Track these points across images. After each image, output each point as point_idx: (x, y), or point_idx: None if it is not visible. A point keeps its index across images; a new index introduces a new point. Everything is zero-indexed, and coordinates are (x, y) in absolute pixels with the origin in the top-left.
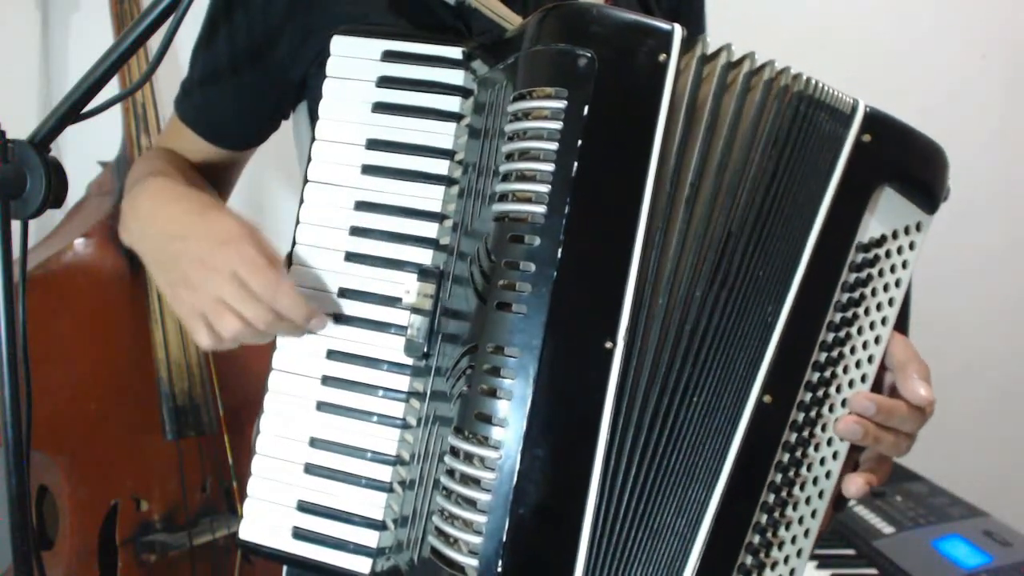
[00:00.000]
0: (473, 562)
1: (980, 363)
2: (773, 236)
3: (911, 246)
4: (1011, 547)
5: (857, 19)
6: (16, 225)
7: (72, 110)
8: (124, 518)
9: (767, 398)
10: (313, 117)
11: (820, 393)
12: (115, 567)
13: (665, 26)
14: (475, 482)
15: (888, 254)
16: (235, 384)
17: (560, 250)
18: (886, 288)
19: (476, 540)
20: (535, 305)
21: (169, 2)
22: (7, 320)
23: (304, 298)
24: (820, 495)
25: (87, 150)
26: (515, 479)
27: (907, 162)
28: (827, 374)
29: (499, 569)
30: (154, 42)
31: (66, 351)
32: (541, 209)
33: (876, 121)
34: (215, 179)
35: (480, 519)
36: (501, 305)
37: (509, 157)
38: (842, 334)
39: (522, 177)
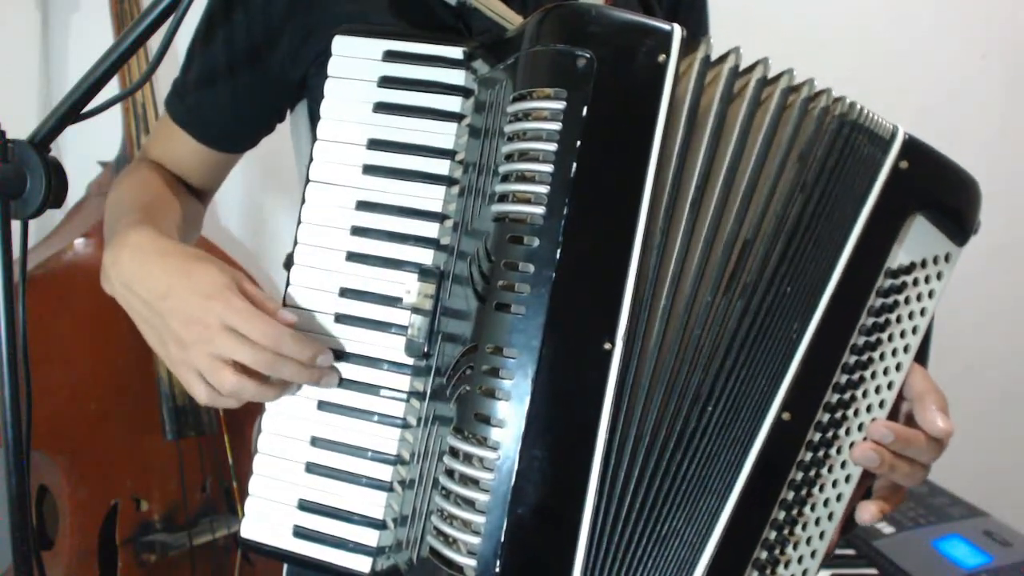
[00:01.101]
0: (471, 562)
1: (980, 363)
2: (802, 253)
3: (938, 276)
4: (1011, 547)
5: (857, 19)
6: (16, 225)
7: (72, 110)
8: (124, 518)
9: (786, 415)
10: (314, 117)
11: (838, 415)
12: (115, 567)
13: (664, 26)
14: (474, 482)
15: (915, 282)
16: None
17: (559, 251)
18: (911, 316)
19: (475, 540)
20: (534, 306)
21: (169, 2)
22: (7, 320)
23: (308, 338)
24: (830, 516)
25: (87, 150)
26: (513, 479)
27: (941, 191)
28: (846, 396)
29: (497, 569)
30: (154, 42)
31: (66, 351)
32: (540, 210)
33: (914, 148)
34: (204, 181)
35: (479, 519)
36: (500, 306)
37: (508, 158)
38: (864, 358)
39: (521, 178)
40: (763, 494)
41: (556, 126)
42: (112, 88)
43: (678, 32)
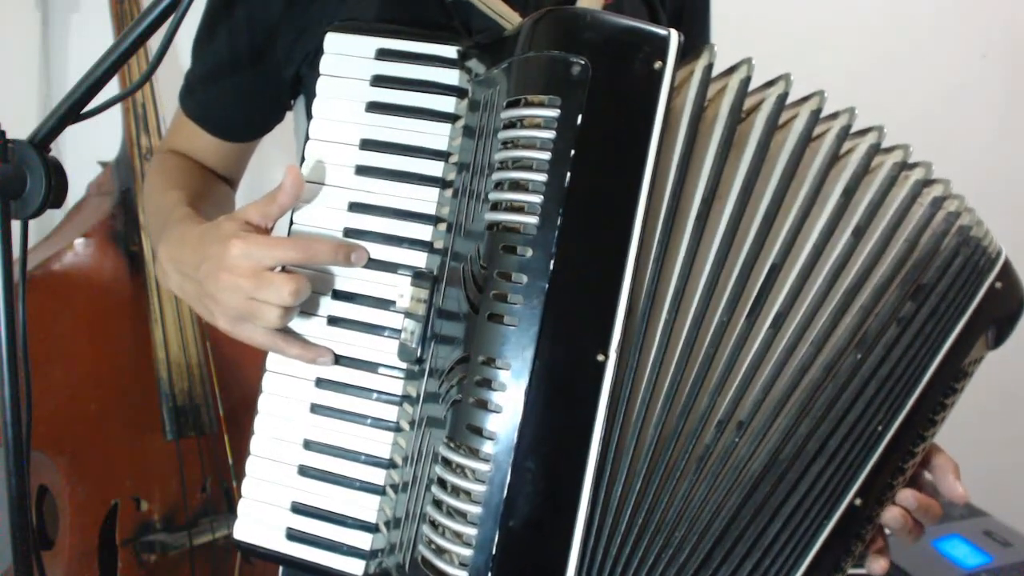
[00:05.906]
0: (463, 574)
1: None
2: (882, 325)
3: (970, 375)
4: (1011, 547)
5: (857, 19)
6: (16, 225)
7: (72, 110)
8: (124, 518)
9: (858, 501)
10: (310, 114)
11: (886, 495)
12: (115, 567)
13: (661, 32)
14: (465, 494)
15: (963, 382)
16: (235, 384)
17: (552, 262)
18: (946, 408)
19: (466, 552)
20: (527, 317)
21: (169, 2)
22: (7, 320)
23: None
24: (846, 568)
25: (87, 150)
26: (505, 492)
27: (1009, 313)
28: (896, 480)
29: None
30: (154, 42)
31: (66, 351)
32: (533, 220)
33: (1007, 271)
34: (225, 169)
35: (470, 531)
36: (493, 316)
37: (502, 165)
38: (917, 449)
39: (514, 186)
40: (827, 566)
41: (550, 134)
42: (112, 88)
43: (675, 38)
